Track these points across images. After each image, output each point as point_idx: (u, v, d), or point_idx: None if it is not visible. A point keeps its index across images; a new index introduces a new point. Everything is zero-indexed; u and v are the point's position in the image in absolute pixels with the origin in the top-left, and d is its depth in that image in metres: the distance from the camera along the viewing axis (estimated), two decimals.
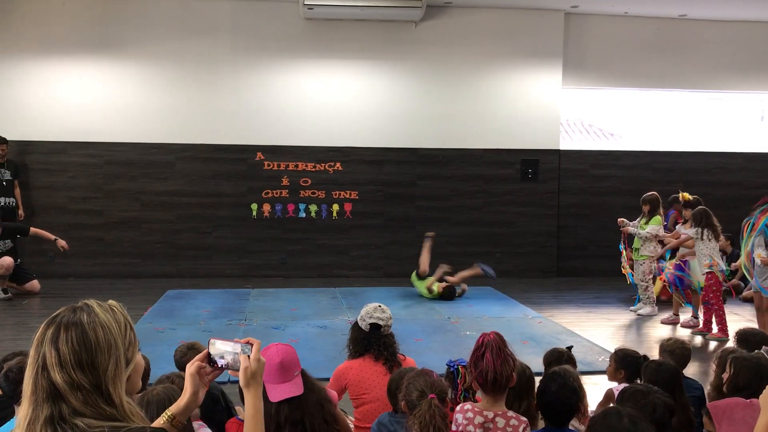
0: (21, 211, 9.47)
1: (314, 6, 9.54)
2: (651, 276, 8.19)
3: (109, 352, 1.53)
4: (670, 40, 10.93)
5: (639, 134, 11.54)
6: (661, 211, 7.99)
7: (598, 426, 2.32)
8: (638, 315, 8.13)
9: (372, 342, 3.73)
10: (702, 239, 7.16)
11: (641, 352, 3.91)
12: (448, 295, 8.78)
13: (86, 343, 1.51)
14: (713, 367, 3.88)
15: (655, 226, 8.09)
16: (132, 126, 10.04)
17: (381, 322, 3.73)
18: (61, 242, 8.66)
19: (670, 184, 10.36)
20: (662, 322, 7.77)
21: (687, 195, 7.97)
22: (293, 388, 2.76)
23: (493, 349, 2.91)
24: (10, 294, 8.48)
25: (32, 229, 8.86)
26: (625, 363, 3.81)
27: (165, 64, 10.06)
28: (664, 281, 7.91)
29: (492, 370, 2.83)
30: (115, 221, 10.11)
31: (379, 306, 3.83)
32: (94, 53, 9.93)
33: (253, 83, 10.20)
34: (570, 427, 2.98)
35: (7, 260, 8.44)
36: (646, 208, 8.30)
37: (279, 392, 2.74)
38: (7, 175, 9.37)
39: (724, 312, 7.15)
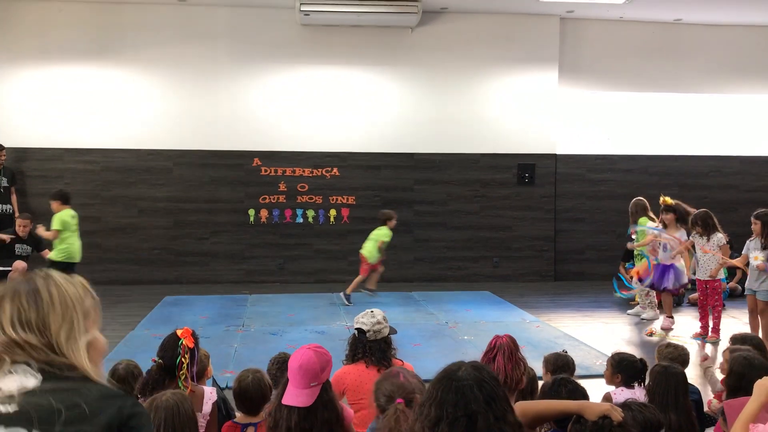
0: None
1: (310, 12, 9.55)
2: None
3: (63, 315, 1.52)
4: (665, 45, 10.97)
5: (635, 138, 11.56)
6: (650, 214, 8.17)
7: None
8: (641, 319, 8.15)
9: (359, 347, 3.75)
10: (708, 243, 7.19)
11: (638, 356, 3.91)
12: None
13: (37, 301, 1.51)
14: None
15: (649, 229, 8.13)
16: (129, 132, 10.04)
17: (365, 327, 3.75)
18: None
19: (666, 188, 10.37)
20: (662, 328, 7.75)
21: (668, 199, 7.94)
22: (302, 398, 2.70)
23: (505, 353, 2.91)
24: None
25: None
26: (621, 367, 3.81)
27: (162, 71, 10.07)
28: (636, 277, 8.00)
29: (503, 373, 2.81)
30: (112, 228, 10.10)
31: (370, 311, 3.85)
32: (91, 60, 9.93)
33: (250, 89, 10.21)
34: None
35: (22, 264, 8.43)
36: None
37: (288, 396, 2.71)
38: (4, 182, 9.37)
39: (720, 314, 7.21)
